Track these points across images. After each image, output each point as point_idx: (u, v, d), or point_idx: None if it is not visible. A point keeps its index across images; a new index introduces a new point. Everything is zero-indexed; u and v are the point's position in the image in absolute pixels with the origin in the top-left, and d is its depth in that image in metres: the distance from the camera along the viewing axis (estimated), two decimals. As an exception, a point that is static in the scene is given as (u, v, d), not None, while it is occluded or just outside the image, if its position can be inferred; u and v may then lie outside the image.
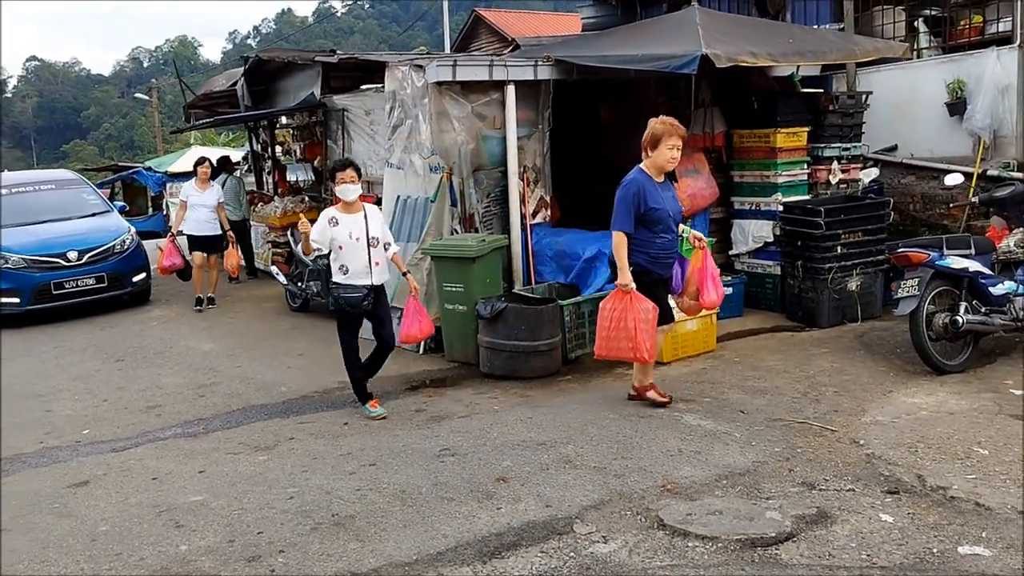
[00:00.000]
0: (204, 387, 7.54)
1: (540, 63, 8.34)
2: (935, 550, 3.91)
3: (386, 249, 6.45)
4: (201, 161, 11.50)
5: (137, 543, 4.40)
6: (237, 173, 14.10)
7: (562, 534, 4.26)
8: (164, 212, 25.64)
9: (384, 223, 6.65)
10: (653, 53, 7.81)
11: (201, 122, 14.56)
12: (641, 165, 5.91)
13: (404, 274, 6.67)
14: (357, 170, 6.36)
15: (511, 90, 8.14)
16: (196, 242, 11.16)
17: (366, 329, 6.84)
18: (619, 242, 5.78)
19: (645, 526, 4.30)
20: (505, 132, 8.25)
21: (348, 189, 6.26)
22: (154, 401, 7.20)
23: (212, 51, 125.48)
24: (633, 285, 5.74)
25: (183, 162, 25.24)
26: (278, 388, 7.39)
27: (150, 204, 26.56)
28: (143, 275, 11.69)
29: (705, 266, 6.16)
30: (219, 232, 11.12)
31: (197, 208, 11.06)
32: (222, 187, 12.98)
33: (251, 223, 13.38)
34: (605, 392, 6.66)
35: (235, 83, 13.50)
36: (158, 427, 6.51)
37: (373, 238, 6.28)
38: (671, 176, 6.14)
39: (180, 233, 11.25)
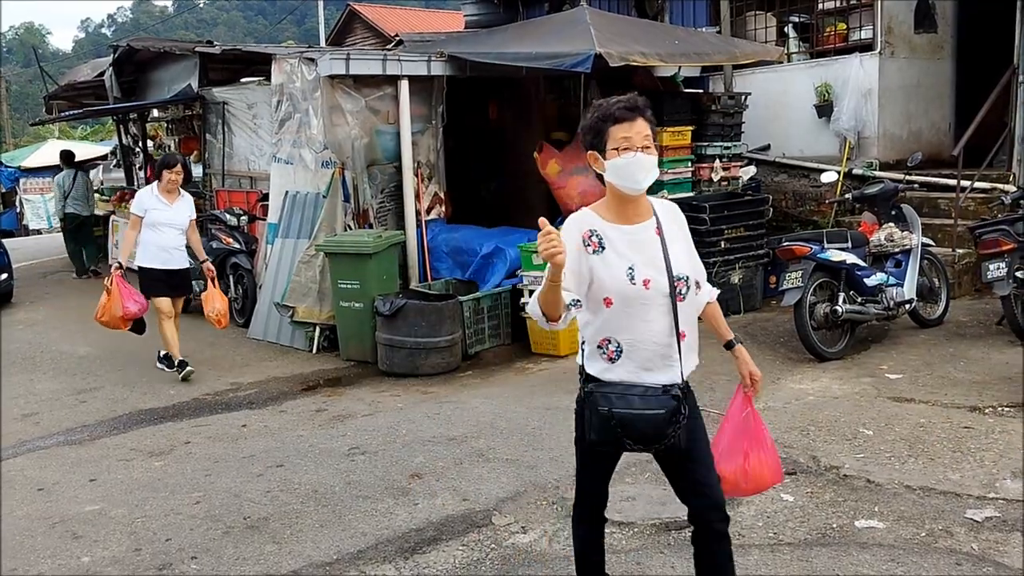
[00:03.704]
0: (84, 392, 7.16)
1: (434, 59, 8.32)
2: (835, 525, 4.15)
3: (695, 293, 2.99)
4: (170, 163, 7.42)
5: (33, 557, 4.14)
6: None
7: (481, 527, 4.28)
8: (17, 209, 24.20)
9: (689, 238, 3.06)
10: (547, 51, 7.93)
11: (66, 114, 13.77)
12: None
13: (730, 345, 3.23)
14: (651, 120, 2.92)
15: (405, 85, 8.09)
16: (160, 280, 7.37)
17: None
18: None
19: (562, 515, 4.37)
20: (399, 127, 8.18)
21: (640, 162, 2.84)
22: (30, 408, 6.78)
23: (63, 40, 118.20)
24: None
25: (39, 156, 23.85)
26: (166, 391, 7.10)
27: (0, 200, 25.00)
28: (4, 276, 10.96)
29: None
30: (189, 264, 7.62)
31: (161, 229, 7.29)
32: (72, 182, 12.65)
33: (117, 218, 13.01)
34: (508, 386, 6.72)
35: (101, 73, 12.83)
36: (37, 436, 6.14)
37: (680, 278, 2.88)
38: None
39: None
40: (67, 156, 13.24)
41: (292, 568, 3.93)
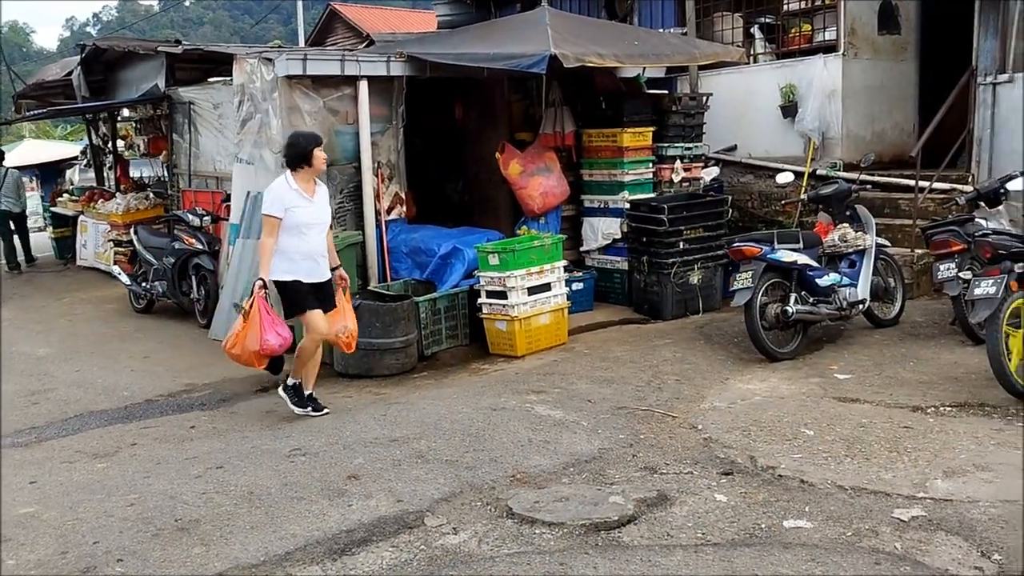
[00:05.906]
0: (37, 394, 7.13)
1: (393, 59, 8.32)
2: (763, 525, 4.16)
3: None
4: (319, 140, 5.97)
5: (-43, 560, 4.13)
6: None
7: (412, 527, 4.28)
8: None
9: None
10: (504, 52, 7.93)
11: (32, 113, 13.73)
12: None
13: None
14: None
15: (363, 85, 8.07)
16: (309, 295, 6.00)
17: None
18: None
19: (494, 516, 4.38)
20: (358, 128, 8.17)
21: None
22: (-20, 410, 6.75)
23: (47, 39, 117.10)
24: None
25: (16, 156, 23.66)
26: (120, 392, 7.08)
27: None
28: (-31, 276, 10.94)
29: None
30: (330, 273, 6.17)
31: (307, 231, 5.88)
32: (2, 180, 12.94)
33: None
34: (460, 387, 6.72)
35: (70, 72, 12.79)
36: (-16, 437, 6.11)
37: None
38: None
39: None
40: None
41: (217, 570, 3.92)
